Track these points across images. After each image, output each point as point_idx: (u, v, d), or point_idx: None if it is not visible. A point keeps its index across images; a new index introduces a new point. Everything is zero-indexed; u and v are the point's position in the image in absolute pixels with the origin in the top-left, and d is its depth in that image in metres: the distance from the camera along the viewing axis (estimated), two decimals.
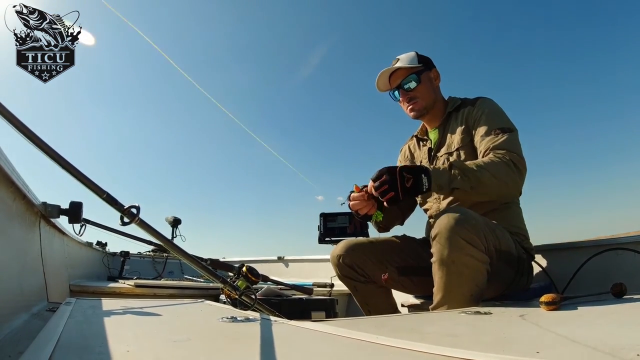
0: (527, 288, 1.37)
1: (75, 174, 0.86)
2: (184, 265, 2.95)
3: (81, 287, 1.89)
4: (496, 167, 1.21)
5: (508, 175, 1.22)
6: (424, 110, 1.53)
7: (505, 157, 1.23)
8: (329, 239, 2.09)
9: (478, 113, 1.42)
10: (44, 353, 0.46)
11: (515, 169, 1.23)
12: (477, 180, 1.18)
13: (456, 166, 1.20)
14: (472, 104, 1.47)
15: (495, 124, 1.36)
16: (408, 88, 1.51)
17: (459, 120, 1.48)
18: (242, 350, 0.52)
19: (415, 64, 1.50)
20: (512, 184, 1.24)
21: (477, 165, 1.21)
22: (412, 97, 1.51)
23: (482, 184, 1.19)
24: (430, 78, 1.54)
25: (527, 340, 0.60)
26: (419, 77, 1.50)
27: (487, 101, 1.46)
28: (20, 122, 0.79)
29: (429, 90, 1.52)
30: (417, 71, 1.50)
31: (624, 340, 0.54)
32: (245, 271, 1.07)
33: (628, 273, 1.35)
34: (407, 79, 1.50)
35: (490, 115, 1.39)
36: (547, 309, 0.87)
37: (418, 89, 1.50)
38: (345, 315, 2.28)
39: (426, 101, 1.52)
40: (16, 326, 0.82)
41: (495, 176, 1.20)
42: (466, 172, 1.19)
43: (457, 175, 1.18)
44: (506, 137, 1.31)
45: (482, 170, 1.20)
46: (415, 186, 1.15)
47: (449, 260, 1.09)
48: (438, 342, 0.55)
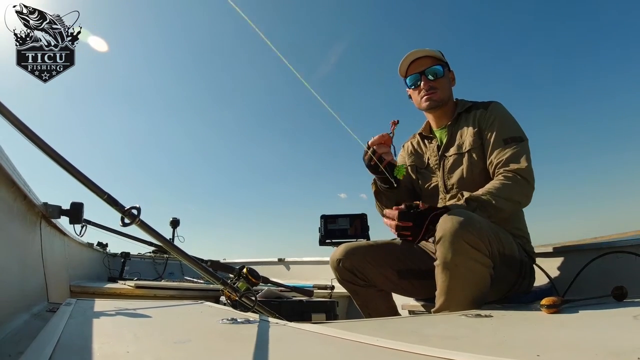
0: (529, 291, 1.37)
1: (76, 175, 0.86)
2: (185, 267, 2.95)
3: (81, 287, 1.89)
4: (508, 190, 1.25)
5: (520, 194, 1.27)
6: (441, 102, 1.52)
7: (517, 176, 1.27)
8: (329, 241, 2.08)
9: (491, 118, 1.42)
10: (44, 353, 0.46)
11: (525, 183, 1.27)
12: (494, 209, 1.22)
13: (473, 200, 1.23)
14: (485, 107, 1.47)
15: (506, 132, 1.37)
16: (434, 74, 1.50)
17: (469, 121, 1.48)
18: (242, 352, 0.52)
19: (442, 58, 1.52)
20: (524, 200, 1.30)
21: (491, 194, 1.23)
22: (434, 86, 1.51)
23: (498, 211, 1.22)
24: (449, 77, 1.56)
25: (527, 343, 0.60)
26: (444, 70, 1.51)
27: (500, 107, 1.46)
28: (20, 122, 0.79)
29: (448, 86, 1.54)
30: (442, 64, 1.51)
31: (625, 344, 0.54)
32: (245, 273, 1.06)
33: (629, 276, 1.35)
34: (434, 67, 1.50)
35: (502, 123, 1.40)
36: (548, 312, 0.87)
37: (440, 80, 1.51)
38: (345, 318, 2.27)
39: (443, 94, 1.52)
40: (16, 326, 0.82)
41: (509, 200, 1.24)
42: (484, 205, 1.22)
43: (476, 208, 1.21)
44: (516, 149, 1.33)
45: (497, 198, 1.23)
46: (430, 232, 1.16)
47: (453, 264, 1.09)
48: (438, 344, 0.55)
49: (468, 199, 1.23)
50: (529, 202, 1.32)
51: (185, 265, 1.30)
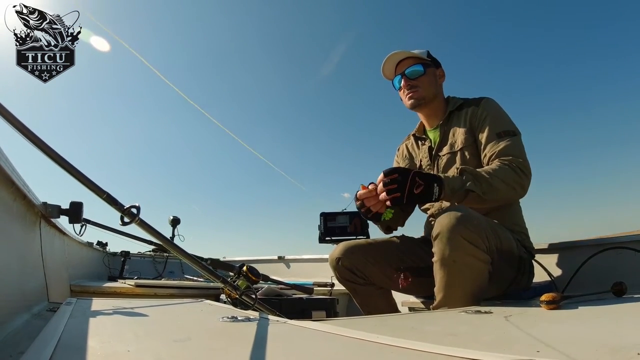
0: (528, 287, 1.37)
1: (75, 174, 0.86)
2: (185, 265, 2.95)
3: (82, 287, 1.89)
4: (504, 172, 1.23)
5: (516, 180, 1.24)
6: (422, 100, 1.51)
7: (512, 164, 1.25)
8: (329, 239, 2.09)
9: (483, 114, 1.42)
10: (45, 353, 0.46)
11: (521, 173, 1.25)
12: (488, 184, 1.20)
13: (467, 171, 1.21)
14: (476, 104, 1.47)
15: (499, 127, 1.37)
16: (411, 74, 1.51)
17: (461, 119, 1.48)
18: (243, 350, 0.52)
19: (424, 57, 1.52)
20: (519, 188, 1.27)
21: (486, 171, 1.22)
22: (414, 85, 1.51)
23: (493, 189, 1.20)
24: (435, 74, 1.55)
25: (527, 339, 0.60)
26: (425, 69, 1.50)
27: (491, 102, 1.46)
28: (20, 122, 0.79)
29: (432, 83, 1.53)
30: (423, 63, 1.51)
31: (625, 339, 0.54)
32: (245, 271, 1.07)
33: (628, 272, 1.35)
34: (412, 67, 1.50)
35: (494, 118, 1.40)
36: (548, 308, 0.87)
37: (421, 79, 1.51)
38: (345, 315, 2.28)
39: (426, 92, 1.51)
40: (17, 326, 0.82)
41: (505, 181, 1.22)
42: (478, 177, 1.20)
43: (470, 179, 1.19)
44: (510, 142, 1.32)
45: (492, 176, 1.21)
46: (424, 194, 1.13)
47: (450, 260, 1.09)
48: (439, 341, 0.55)
49: (463, 169, 1.23)
50: (524, 192, 1.30)
51: (186, 264, 1.30)
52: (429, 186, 1.14)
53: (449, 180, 1.18)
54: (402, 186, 1.13)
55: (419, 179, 1.13)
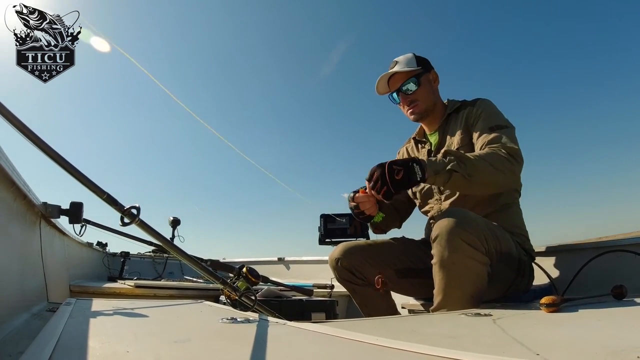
0: (528, 290, 1.37)
1: (75, 175, 0.86)
2: (184, 266, 2.95)
3: (81, 287, 1.89)
4: (492, 156, 1.22)
5: (504, 164, 1.22)
6: (425, 113, 1.53)
7: (502, 150, 1.25)
8: (329, 240, 2.08)
9: (478, 112, 1.43)
10: (44, 353, 0.46)
11: (511, 158, 1.23)
12: (473, 166, 1.18)
13: (451, 153, 1.21)
14: (472, 104, 1.48)
15: (492, 121, 1.37)
16: (407, 91, 1.51)
17: (458, 121, 1.49)
18: (242, 351, 0.52)
19: (414, 66, 1.50)
20: (509, 173, 1.23)
21: (473, 155, 1.22)
22: (412, 100, 1.51)
23: (478, 171, 1.18)
24: (430, 80, 1.54)
25: (527, 342, 0.60)
26: (419, 80, 1.50)
27: (486, 101, 1.47)
28: (20, 122, 0.79)
29: (429, 92, 1.53)
30: (416, 74, 1.50)
31: (625, 342, 0.54)
32: (245, 272, 1.07)
33: (628, 275, 1.35)
34: (407, 82, 1.50)
35: (488, 114, 1.41)
36: (548, 310, 0.87)
37: (418, 92, 1.51)
38: (345, 317, 2.28)
39: (426, 104, 1.52)
40: (16, 326, 0.82)
41: (493, 165, 1.20)
42: (462, 158, 1.19)
43: (453, 160, 1.18)
44: (502, 132, 1.32)
45: (479, 158, 1.20)
46: (407, 176, 1.14)
47: (450, 262, 1.09)
48: (438, 343, 0.55)
49: (446, 151, 1.22)
50: (515, 179, 1.30)
51: (185, 265, 1.30)
52: (407, 168, 1.14)
53: (431, 162, 1.18)
54: (383, 178, 1.14)
55: (396, 166, 1.14)
